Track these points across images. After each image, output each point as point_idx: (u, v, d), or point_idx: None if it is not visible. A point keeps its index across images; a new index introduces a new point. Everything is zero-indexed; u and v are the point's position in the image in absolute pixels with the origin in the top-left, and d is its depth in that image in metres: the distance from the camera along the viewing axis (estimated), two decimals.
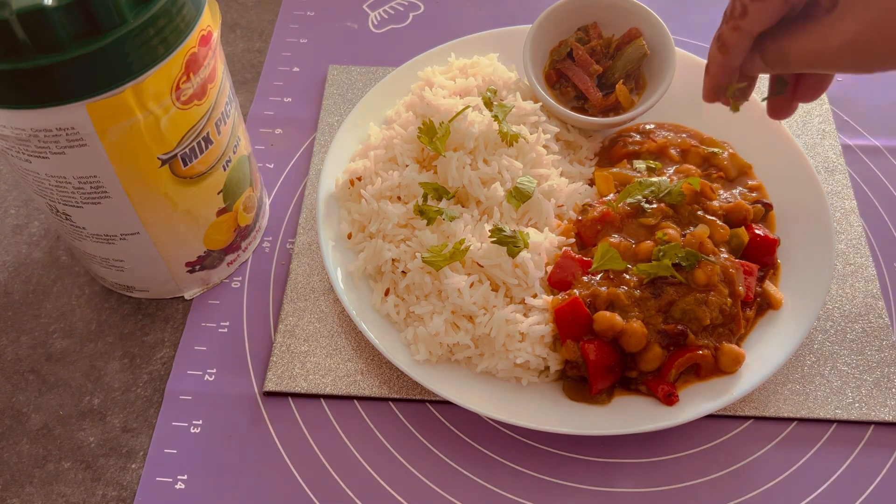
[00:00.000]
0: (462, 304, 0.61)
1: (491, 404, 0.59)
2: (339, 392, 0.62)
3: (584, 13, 0.74)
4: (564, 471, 0.59)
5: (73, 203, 0.56)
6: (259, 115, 0.82)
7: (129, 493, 0.58)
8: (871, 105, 0.82)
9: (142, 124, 0.51)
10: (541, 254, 0.62)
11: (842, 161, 0.76)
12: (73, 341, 0.66)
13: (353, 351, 0.64)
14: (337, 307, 0.67)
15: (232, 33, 0.90)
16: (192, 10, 0.51)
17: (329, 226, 0.69)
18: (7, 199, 0.76)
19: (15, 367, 0.65)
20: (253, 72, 0.86)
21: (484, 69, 0.75)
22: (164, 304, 0.68)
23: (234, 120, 0.61)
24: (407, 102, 0.75)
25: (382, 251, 0.65)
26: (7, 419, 0.62)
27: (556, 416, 0.58)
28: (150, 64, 0.49)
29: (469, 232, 0.64)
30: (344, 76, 0.84)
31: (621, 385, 0.60)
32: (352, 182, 0.70)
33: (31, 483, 0.59)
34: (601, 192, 0.68)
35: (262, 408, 0.62)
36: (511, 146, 0.68)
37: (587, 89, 0.72)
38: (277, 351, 0.64)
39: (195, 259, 0.65)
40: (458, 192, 0.66)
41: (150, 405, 0.63)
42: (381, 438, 0.61)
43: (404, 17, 0.92)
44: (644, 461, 0.59)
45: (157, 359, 0.65)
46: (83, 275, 0.70)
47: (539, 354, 0.60)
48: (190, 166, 0.57)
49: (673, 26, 0.71)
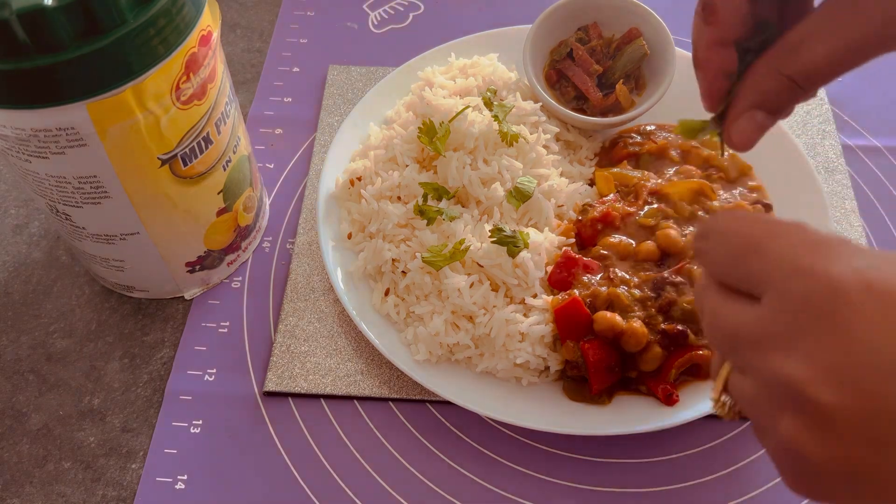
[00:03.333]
0: (462, 304, 0.61)
1: (491, 404, 0.59)
2: (339, 392, 0.62)
3: (584, 13, 0.74)
4: (564, 471, 0.59)
5: (73, 203, 0.56)
6: (259, 115, 0.82)
7: (129, 493, 0.58)
8: (871, 105, 0.82)
9: (142, 124, 0.51)
10: (541, 254, 0.62)
11: (842, 161, 0.76)
12: (73, 341, 0.66)
13: (353, 351, 0.64)
14: (337, 307, 0.67)
15: (232, 33, 0.90)
16: (192, 10, 0.51)
17: (329, 226, 0.69)
18: (7, 199, 0.76)
19: (15, 367, 0.65)
20: (253, 72, 0.86)
21: (484, 69, 0.75)
22: (164, 304, 0.68)
23: (234, 120, 0.61)
24: (407, 102, 0.75)
25: (382, 251, 0.65)
26: (7, 419, 0.62)
27: (556, 416, 0.58)
28: (150, 64, 0.49)
29: (469, 232, 0.64)
30: (344, 76, 0.84)
31: (621, 385, 0.60)
32: (352, 182, 0.70)
33: (31, 483, 0.59)
34: (601, 192, 0.68)
35: (262, 408, 0.62)
36: (511, 146, 0.68)
37: (587, 89, 0.72)
38: (277, 351, 0.64)
39: (195, 259, 0.65)
40: (458, 192, 0.66)
41: (150, 405, 0.63)
42: (381, 438, 0.61)
43: (404, 17, 0.92)
44: (644, 461, 0.59)
45: (157, 359, 0.65)
46: (83, 275, 0.70)
47: (539, 354, 0.60)
48: (190, 166, 0.57)
49: (673, 26, 0.71)
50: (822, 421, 0.28)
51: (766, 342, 0.30)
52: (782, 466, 0.31)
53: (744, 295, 0.32)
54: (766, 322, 0.30)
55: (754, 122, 0.38)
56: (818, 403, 0.28)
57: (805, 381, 0.28)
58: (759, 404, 0.31)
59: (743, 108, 0.38)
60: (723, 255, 0.33)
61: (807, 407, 0.28)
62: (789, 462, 0.30)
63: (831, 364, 0.28)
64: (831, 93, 0.82)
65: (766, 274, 0.30)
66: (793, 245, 0.30)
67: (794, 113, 0.81)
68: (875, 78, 0.84)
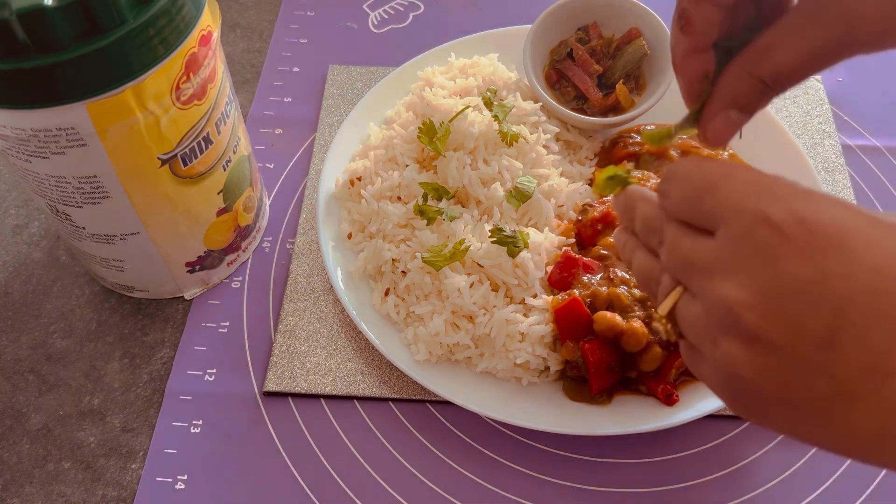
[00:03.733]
0: (462, 304, 0.61)
1: (491, 404, 0.59)
2: (339, 392, 0.62)
3: (584, 13, 0.74)
4: (564, 471, 0.59)
5: (73, 203, 0.56)
6: (259, 115, 0.82)
7: (129, 493, 0.59)
8: (871, 105, 0.82)
9: (142, 124, 0.51)
10: (541, 254, 0.62)
11: (842, 161, 0.76)
12: (73, 341, 0.66)
13: (353, 351, 0.64)
14: (337, 307, 0.67)
15: (232, 33, 0.90)
16: (192, 10, 0.51)
17: (329, 226, 0.69)
18: (7, 199, 0.76)
19: (15, 367, 0.65)
20: (253, 72, 0.86)
21: (484, 69, 0.75)
22: (164, 304, 0.68)
23: (234, 120, 0.61)
24: (407, 102, 0.75)
25: (382, 251, 0.65)
26: (7, 419, 0.62)
27: (556, 416, 0.58)
28: (150, 64, 0.49)
29: (469, 232, 0.64)
30: (344, 76, 0.84)
31: (621, 385, 0.60)
32: (352, 182, 0.70)
33: (31, 483, 0.59)
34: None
35: (262, 408, 0.62)
36: (511, 146, 0.68)
37: (587, 89, 0.72)
38: (277, 351, 0.64)
39: (195, 259, 0.65)
40: (458, 192, 0.66)
41: (150, 405, 0.63)
42: (381, 438, 0.61)
43: (404, 17, 0.92)
44: (644, 461, 0.59)
45: (157, 359, 0.65)
46: (83, 275, 0.70)
47: (539, 354, 0.60)
48: (190, 166, 0.57)
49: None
50: (755, 343, 0.31)
51: (714, 269, 0.33)
52: (721, 388, 0.34)
53: (700, 230, 0.35)
54: (715, 252, 0.34)
55: (729, 120, 0.41)
56: (751, 326, 0.31)
57: (742, 305, 0.31)
58: (702, 326, 0.34)
59: (718, 107, 0.41)
60: (683, 195, 0.36)
61: (742, 329, 0.32)
62: (728, 383, 0.34)
63: (763, 291, 0.31)
64: (831, 93, 0.82)
65: (718, 212, 0.34)
66: (742, 186, 0.34)
67: (794, 113, 0.82)
68: (875, 78, 0.84)
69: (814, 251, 0.30)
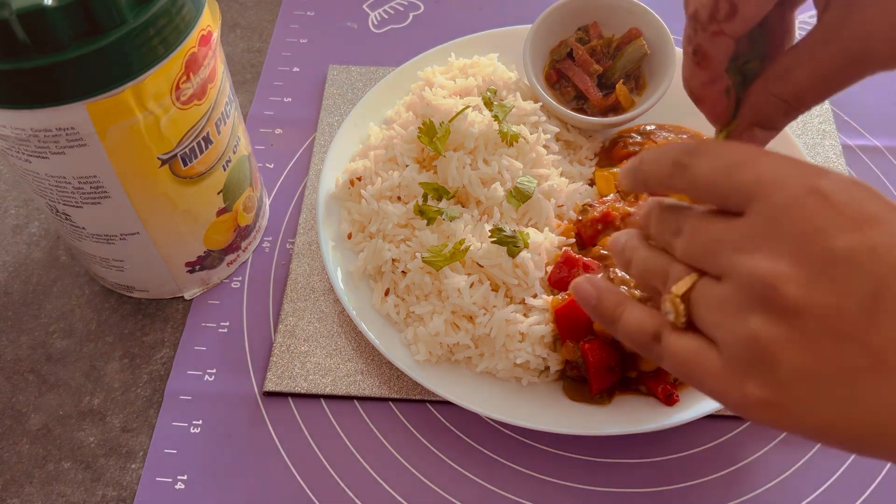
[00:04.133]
0: (462, 304, 0.61)
1: (491, 404, 0.59)
2: (339, 392, 0.62)
3: (584, 13, 0.74)
4: (565, 471, 0.59)
5: (73, 203, 0.56)
6: (259, 115, 0.82)
7: (129, 493, 0.59)
8: (871, 105, 0.82)
9: (142, 124, 0.51)
10: (541, 254, 0.62)
11: (842, 161, 0.76)
12: (73, 341, 0.66)
13: (353, 351, 0.64)
14: (337, 307, 0.67)
15: (232, 33, 0.90)
16: (192, 10, 0.51)
17: (329, 226, 0.69)
18: (7, 199, 0.76)
19: (15, 367, 0.65)
20: (253, 72, 0.86)
21: (484, 69, 0.75)
22: (164, 304, 0.68)
23: (234, 120, 0.61)
24: (407, 102, 0.75)
25: (382, 251, 0.65)
26: (7, 419, 0.62)
27: (556, 416, 0.58)
28: (150, 64, 0.49)
29: (469, 232, 0.64)
30: (344, 76, 0.84)
31: (621, 385, 0.60)
32: (352, 182, 0.70)
33: (31, 483, 0.59)
34: (601, 192, 0.68)
35: (262, 408, 0.62)
36: (511, 146, 0.68)
37: (587, 89, 0.72)
38: (277, 351, 0.64)
39: (195, 259, 0.65)
40: (458, 192, 0.66)
41: (150, 405, 0.63)
42: (381, 438, 0.61)
43: (404, 17, 0.92)
44: (644, 461, 0.59)
45: (157, 359, 0.65)
46: (83, 275, 0.70)
47: (539, 354, 0.60)
48: (190, 166, 0.57)
49: (673, 26, 0.71)
50: (790, 315, 0.31)
51: (746, 246, 0.33)
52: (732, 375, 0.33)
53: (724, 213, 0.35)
54: (747, 229, 0.33)
55: (754, 139, 0.42)
56: (789, 298, 0.31)
57: (780, 277, 0.31)
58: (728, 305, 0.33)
59: (743, 126, 0.42)
60: (714, 167, 0.35)
61: (778, 303, 0.31)
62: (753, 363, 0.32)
63: (809, 260, 0.31)
64: None
65: (754, 185, 0.33)
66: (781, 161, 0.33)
67: None
68: (875, 78, 0.83)
69: (862, 222, 0.31)
